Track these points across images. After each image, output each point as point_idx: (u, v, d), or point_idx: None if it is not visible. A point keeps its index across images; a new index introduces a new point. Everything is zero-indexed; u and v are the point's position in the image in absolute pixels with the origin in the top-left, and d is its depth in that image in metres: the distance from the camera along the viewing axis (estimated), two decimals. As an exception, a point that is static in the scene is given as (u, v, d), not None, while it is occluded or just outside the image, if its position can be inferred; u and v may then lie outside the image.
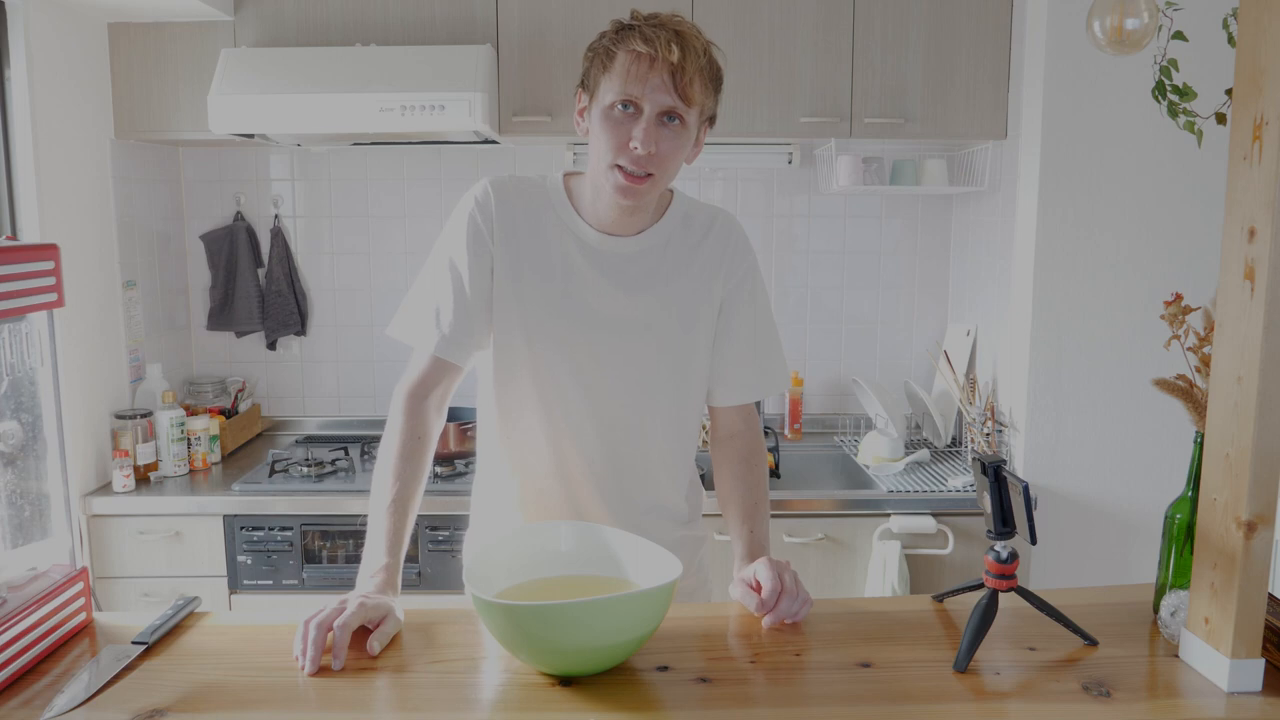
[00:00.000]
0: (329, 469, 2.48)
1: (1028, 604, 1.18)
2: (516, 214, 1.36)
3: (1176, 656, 1.11)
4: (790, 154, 2.80)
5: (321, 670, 1.07)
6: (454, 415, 2.60)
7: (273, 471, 2.44)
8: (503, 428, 1.40)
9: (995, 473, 1.12)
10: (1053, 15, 2.23)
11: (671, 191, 1.41)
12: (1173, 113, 1.33)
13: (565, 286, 1.34)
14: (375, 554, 1.23)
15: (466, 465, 2.50)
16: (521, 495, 1.42)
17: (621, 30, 1.25)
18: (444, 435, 2.40)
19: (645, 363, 1.36)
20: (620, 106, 1.24)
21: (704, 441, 2.43)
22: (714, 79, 1.29)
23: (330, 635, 1.09)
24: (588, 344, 1.35)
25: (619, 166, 1.25)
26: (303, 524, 2.32)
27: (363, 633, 1.13)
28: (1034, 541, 1.11)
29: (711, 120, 1.33)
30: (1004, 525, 1.13)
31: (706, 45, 1.27)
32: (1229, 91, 1.10)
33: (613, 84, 1.24)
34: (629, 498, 1.39)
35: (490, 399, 1.40)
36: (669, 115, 1.24)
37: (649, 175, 1.25)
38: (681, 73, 1.22)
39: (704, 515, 1.54)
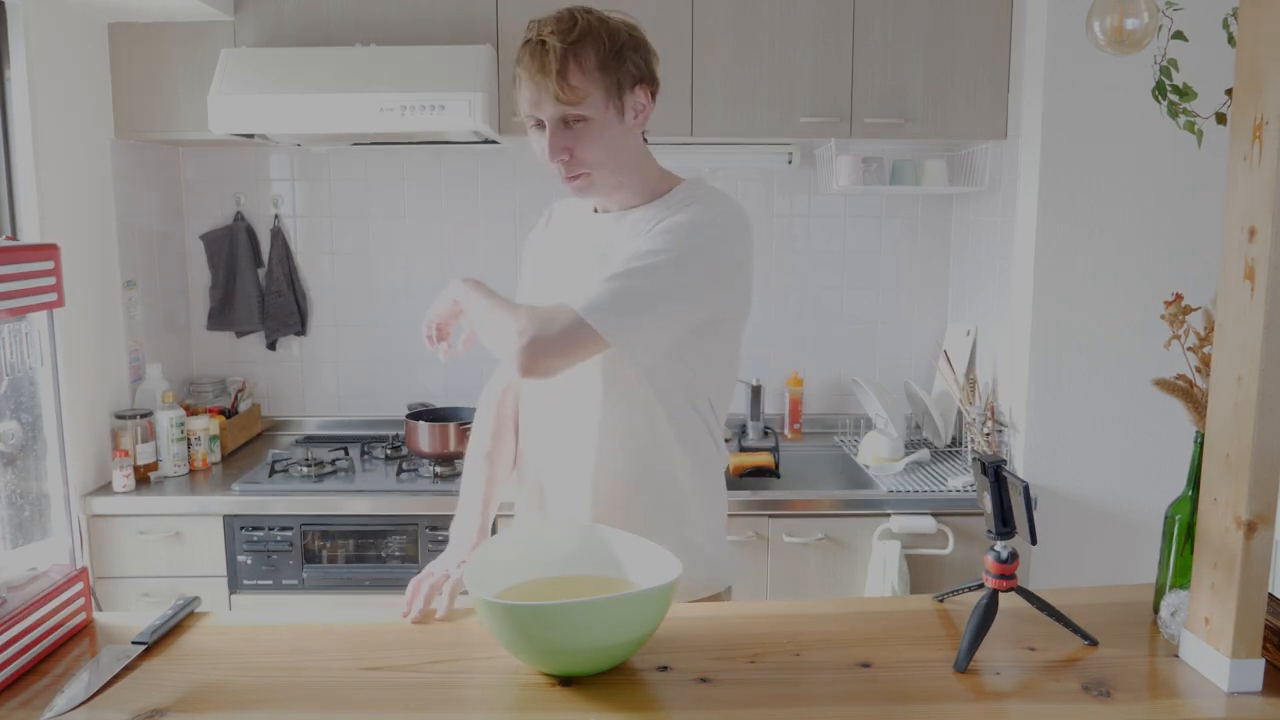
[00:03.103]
0: (329, 469, 2.48)
1: (1028, 604, 1.18)
2: (555, 222, 1.52)
3: (1176, 656, 1.11)
4: (790, 154, 2.80)
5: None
6: (454, 415, 2.61)
7: (273, 471, 2.44)
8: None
9: (995, 473, 1.12)
10: (1053, 15, 2.23)
11: (683, 180, 1.39)
12: (1173, 113, 1.33)
13: (555, 261, 1.46)
14: (470, 510, 1.41)
15: (466, 465, 2.50)
16: (519, 485, 1.50)
17: (518, 52, 1.32)
18: (444, 435, 2.44)
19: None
20: (532, 124, 1.32)
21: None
22: (601, 57, 1.26)
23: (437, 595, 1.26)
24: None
25: (555, 173, 1.34)
26: (303, 524, 2.32)
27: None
28: (1034, 541, 1.11)
29: (642, 83, 1.31)
30: (1004, 525, 1.13)
31: (588, 30, 1.26)
32: (1229, 91, 1.10)
33: (520, 106, 1.33)
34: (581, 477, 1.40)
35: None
36: (568, 119, 1.29)
37: (580, 175, 1.33)
38: (549, 79, 1.25)
39: (730, 515, 1.53)
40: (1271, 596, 1.06)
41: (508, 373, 1.40)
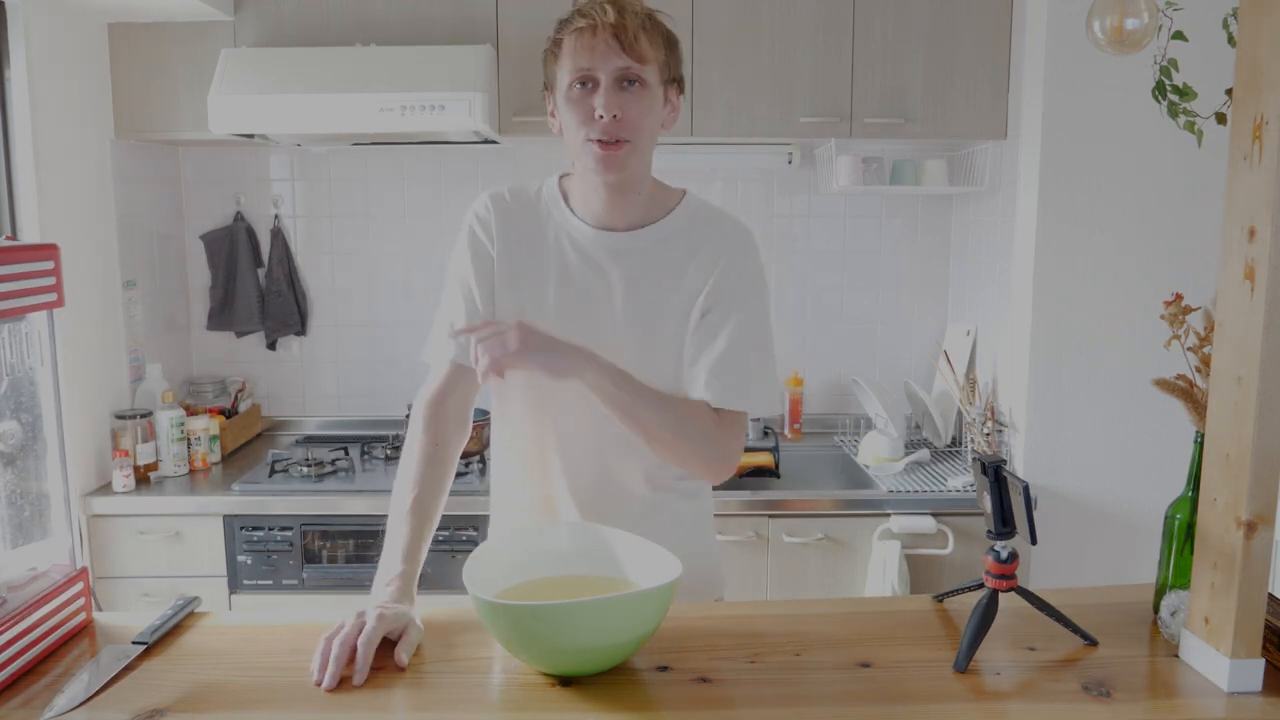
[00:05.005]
0: (329, 469, 2.48)
1: (1028, 604, 1.18)
2: (513, 223, 1.37)
3: (1176, 656, 1.11)
4: (790, 154, 2.80)
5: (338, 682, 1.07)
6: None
7: (273, 471, 2.44)
8: (499, 429, 1.43)
9: (995, 473, 1.12)
10: (1053, 15, 2.23)
11: (684, 194, 1.40)
12: (1173, 113, 1.34)
13: (559, 288, 1.34)
14: (391, 561, 1.20)
15: (466, 466, 2.50)
16: (510, 492, 1.44)
17: (563, 21, 1.29)
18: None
19: (636, 361, 1.31)
20: (578, 84, 1.26)
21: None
22: (664, 36, 1.29)
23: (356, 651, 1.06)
24: (580, 342, 1.32)
25: (592, 140, 1.26)
26: (303, 524, 2.32)
27: (385, 644, 1.10)
28: (1034, 541, 1.11)
29: (679, 84, 1.34)
30: (1004, 525, 1.13)
31: (648, 9, 1.28)
32: (1229, 91, 1.10)
33: (565, 66, 1.27)
34: (599, 490, 1.38)
35: (494, 402, 1.43)
36: (627, 80, 1.25)
37: (622, 141, 1.26)
38: (624, 31, 1.23)
39: (730, 515, 1.54)
40: (1271, 596, 1.06)
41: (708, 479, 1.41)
